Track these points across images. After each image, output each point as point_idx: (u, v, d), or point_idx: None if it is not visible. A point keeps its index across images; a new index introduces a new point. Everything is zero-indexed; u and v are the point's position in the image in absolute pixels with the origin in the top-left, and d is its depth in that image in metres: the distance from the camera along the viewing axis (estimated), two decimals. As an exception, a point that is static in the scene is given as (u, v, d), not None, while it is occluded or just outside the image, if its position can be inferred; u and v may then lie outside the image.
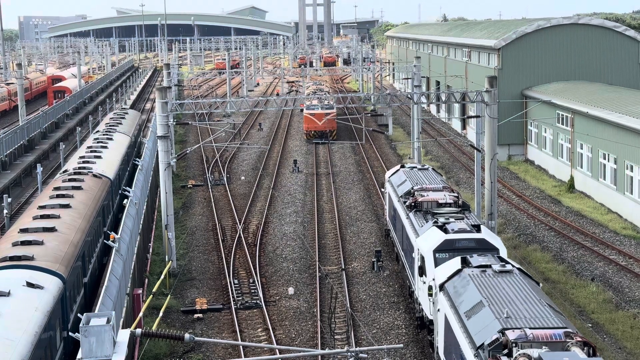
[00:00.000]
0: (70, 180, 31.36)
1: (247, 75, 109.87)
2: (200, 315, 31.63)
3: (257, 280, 34.92)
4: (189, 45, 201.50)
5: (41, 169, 43.71)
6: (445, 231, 27.59)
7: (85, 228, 25.92)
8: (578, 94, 55.93)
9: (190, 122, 60.82)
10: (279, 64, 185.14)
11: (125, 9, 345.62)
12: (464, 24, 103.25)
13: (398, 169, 39.98)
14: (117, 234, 27.24)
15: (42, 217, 25.58)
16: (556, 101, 56.02)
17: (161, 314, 28.51)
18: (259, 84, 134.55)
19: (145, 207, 38.84)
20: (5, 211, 34.75)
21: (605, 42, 63.09)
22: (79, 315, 21.95)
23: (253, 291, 33.95)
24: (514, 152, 64.03)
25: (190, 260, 38.89)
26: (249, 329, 30.35)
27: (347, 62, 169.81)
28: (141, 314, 26.35)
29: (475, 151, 39.46)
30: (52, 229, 24.12)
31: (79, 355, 14.91)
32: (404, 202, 33.59)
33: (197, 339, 16.52)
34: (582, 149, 52.07)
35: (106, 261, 28.21)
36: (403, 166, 40.34)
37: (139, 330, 15.98)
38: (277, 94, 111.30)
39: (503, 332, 18.03)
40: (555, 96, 57.12)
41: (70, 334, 20.95)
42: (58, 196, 28.51)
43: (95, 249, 28.08)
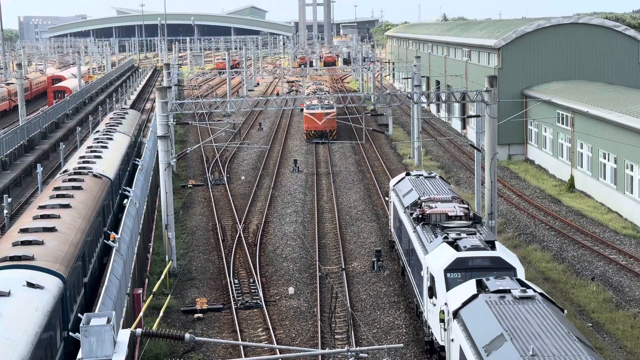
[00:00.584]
0: (70, 180, 31.37)
1: (247, 75, 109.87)
2: (200, 315, 31.63)
3: (257, 280, 34.92)
4: (189, 45, 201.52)
5: (41, 169, 43.71)
6: (457, 248, 25.54)
7: (86, 228, 25.92)
8: (578, 93, 55.93)
9: (190, 122, 60.85)
10: (279, 63, 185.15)
11: (125, 9, 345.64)
12: (464, 23, 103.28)
13: (403, 176, 37.96)
14: (117, 233, 27.24)
15: (42, 217, 25.58)
16: (556, 101, 56.02)
17: (161, 313, 28.52)
18: (259, 83, 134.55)
19: (145, 207, 38.84)
20: (6, 211, 34.76)
21: (605, 42, 63.10)
22: (79, 315, 21.97)
23: (253, 291, 33.95)
24: (514, 151, 64.04)
25: (190, 260, 38.89)
26: (249, 328, 30.35)
27: (347, 61, 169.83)
28: (141, 314, 26.35)
29: (476, 151, 39.46)
30: (52, 229, 24.12)
31: (79, 355, 14.91)
32: (410, 213, 31.51)
33: (197, 338, 16.53)
34: (582, 148, 52.07)
35: (106, 261, 28.22)
36: (408, 174, 38.24)
37: (139, 330, 15.98)
38: (277, 94, 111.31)
39: None
40: (555, 96, 57.12)
41: (70, 333, 20.95)
42: (58, 196, 28.51)
43: (95, 248, 28.09)
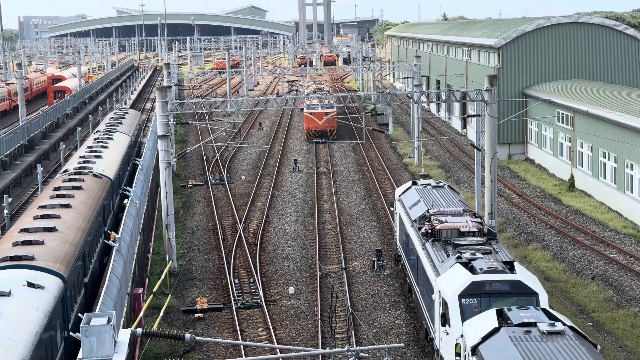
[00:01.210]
0: (70, 180, 31.37)
1: (247, 74, 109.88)
2: (200, 314, 31.64)
3: (258, 280, 34.92)
4: (189, 44, 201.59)
5: (41, 169, 43.71)
6: (472, 270, 23.08)
7: (86, 228, 25.92)
8: (578, 92, 55.93)
9: (190, 122, 60.86)
10: (279, 63, 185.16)
11: (125, 8, 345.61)
12: (464, 23, 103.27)
13: (409, 186, 35.63)
14: (117, 233, 27.25)
15: (43, 217, 25.58)
16: (556, 100, 56.02)
17: (162, 313, 28.51)
18: (259, 83, 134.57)
19: (145, 207, 38.85)
20: (6, 211, 34.76)
21: (605, 41, 63.10)
22: (79, 315, 21.98)
23: (253, 291, 33.96)
24: (514, 151, 64.04)
25: (190, 259, 38.90)
26: (249, 328, 30.36)
27: (347, 61, 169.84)
28: (142, 314, 26.35)
29: (476, 150, 39.46)
30: (52, 229, 24.12)
31: (79, 355, 14.92)
32: (418, 228, 29.20)
33: (197, 338, 16.53)
34: (582, 147, 52.07)
35: (107, 261, 28.22)
36: (415, 183, 35.89)
37: (139, 330, 15.99)
38: (277, 94, 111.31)
39: None
40: (555, 95, 57.12)
41: (71, 333, 20.96)
42: (58, 196, 28.52)
43: (95, 248, 28.09)
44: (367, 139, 71.38)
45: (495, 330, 18.48)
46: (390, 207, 40.78)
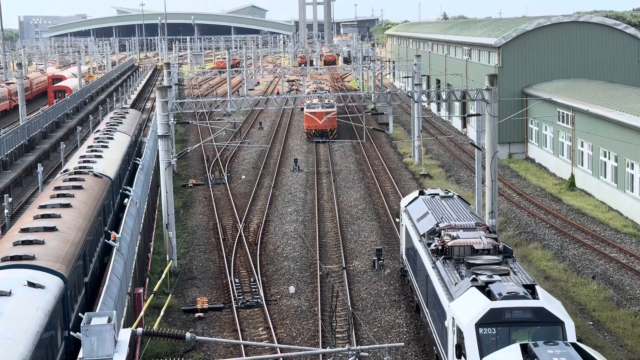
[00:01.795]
0: (70, 180, 31.37)
1: (248, 74, 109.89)
2: (201, 314, 31.64)
3: (258, 279, 34.93)
4: (189, 44, 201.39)
5: (42, 168, 43.72)
6: (490, 295, 20.82)
7: (86, 227, 25.93)
8: (578, 91, 55.92)
9: (190, 121, 60.93)
10: (279, 62, 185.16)
11: (125, 8, 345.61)
12: (464, 22, 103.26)
13: (416, 196, 33.27)
14: (117, 233, 27.25)
15: (43, 216, 25.59)
16: (556, 99, 56.02)
17: (162, 313, 28.53)
18: (259, 83, 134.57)
19: (145, 207, 38.86)
20: (6, 211, 34.77)
21: (606, 40, 63.09)
22: (80, 314, 21.98)
23: (254, 290, 33.96)
24: (515, 150, 64.03)
25: (191, 259, 38.91)
26: (250, 328, 30.36)
27: (347, 60, 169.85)
28: (142, 313, 26.36)
29: (476, 149, 39.46)
30: (53, 229, 24.13)
31: (80, 355, 14.93)
32: (427, 244, 26.97)
33: (198, 338, 16.53)
34: (582, 146, 52.07)
35: (107, 260, 28.23)
36: (422, 192, 33.61)
37: (140, 330, 16.00)
38: (278, 93, 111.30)
39: None
40: (555, 94, 57.11)
41: (71, 333, 20.97)
42: (59, 196, 28.52)
43: (96, 248, 28.09)
44: (368, 139, 71.38)
45: None
46: (396, 218, 37.87)
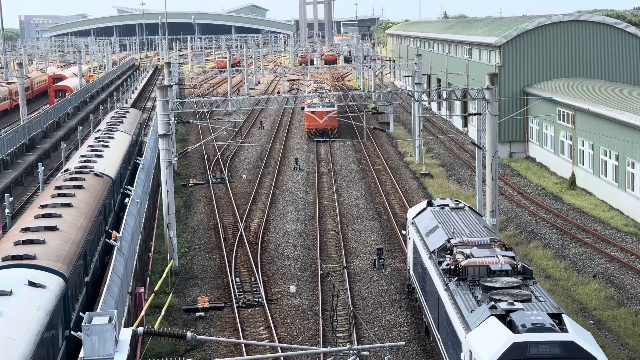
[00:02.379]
0: (71, 179, 31.38)
1: (248, 73, 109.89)
2: (202, 313, 31.65)
3: (259, 279, 34.93)
4: (189, 43, 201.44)
5: (42, 168, 43.71)
6: (512, 327, 18.60)
7: (87, 227, 25.93)
8: (579, 90, 55.91)
9: (191, 121, 60.92)
10: (279, 62, 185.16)
11: (125, 7, 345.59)
12: (464, 21, 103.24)
13: (424, 207, 31.17)
14: (118, 232, 27.26)
15: (44, 216, 25.59)
16: (557, 98, 56.00)
17: (163, 312, 28.54)
18: (259, 82, 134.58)
19: (146, 206, 38.86)
20: (7, 210, 34.78)
21: (606, 39, 63.08)
22: (81, 314, 21.98)
23: (255, 289, 33.97)
24: (515, 149, 64.02)
25: (191, 258, 38.91)
26: (250, 327, 30.37)
27: (347, 60, 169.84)
28: (143, 313, 26.37)
29: (477, 148, 39.45)
30: (53, 228, 24.13)
31: (81, 354, 14.94)
32: (438, 262, 24.79)
33: (199, 337, 16.54)
34: (583, 145, 52.06)
35: (108, 260, 28.23)
36: (430, 203, 31.55)
37: (141, 329, 16.01)
38: (278, 92, 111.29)
39: None
40: (556, 93, 57.10)
41: (72, 332, 20.97)
42: (59, 195, 28.53)
43: (97, 247, 28.10)
44: (368, 138, 71.37)
45: None
46: (402, 231, 35.43)
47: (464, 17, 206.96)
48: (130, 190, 34.34)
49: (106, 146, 40.04)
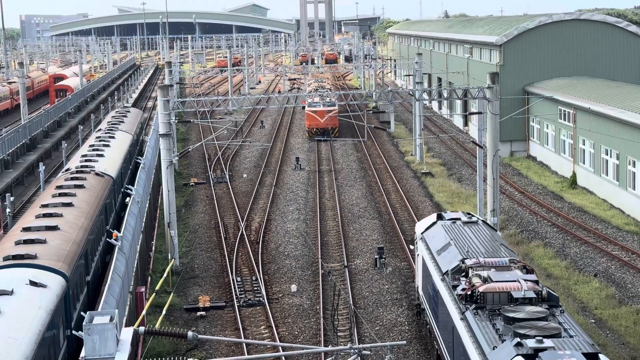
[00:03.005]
0: (72, 179, 31.38)
1: (249, 73, 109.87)
2: (203, 313, 31.66)
3: (260, 278, 34.94)
4: (190, 43, 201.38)
5: (43, 167, 43.74)
6: None
7: (88, 226, 25.93)
8: (580, 89, 55.89)
9: (192, 120, 60.90)
10: (280, 61, 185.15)
11: (126, 7, 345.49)
12: (465, 20, 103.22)
13: (434, 221, 28.65)
14: (119, 232, 27.26)
15: (45, 215, 25.59)
16: (558, 97, 55.99)
17: (164, 311, 28.54)
18: (260, 81, 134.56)
19: (147, 205, 38.87)
20: (8, 210, 34.79)
21: (607, 38, 63.05)
22: (82, 313, 21.97)
23: (256, 289, 33.97)
24: (516, 148, 64.01)
25: (192, 258, 38.92)
26: (251, 326, 30.38)
27: (348, 59, 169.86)
28: (144, 312, 26.37)
29: (478, 148, 39.44)
30: (54, 228, 24.13)
31: (82, 354, 14.95)
32: (452, 286, 22.18)
33: (200, 336, 16.54)
34: (584, 144, 52.05)
35: (109, 259, 28.24)
36: (441, 216, 29.02)
37: (142, 328, 16.02)
38: (279, 92, 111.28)
39: None
40: (557, 92, 57.08)
41: (73, 332, 20.97)
42: (60, 195, 28.53)
43: (98, 247, 28.11)
44: (369, 137, 71.35)
45: None
46: (410, 245, 32.95)
47: (464, 16, 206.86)
48: (131, 190, 34.34)
49: (107, 146, 40.04)
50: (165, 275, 32.94)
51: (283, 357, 24.63)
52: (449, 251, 24.76)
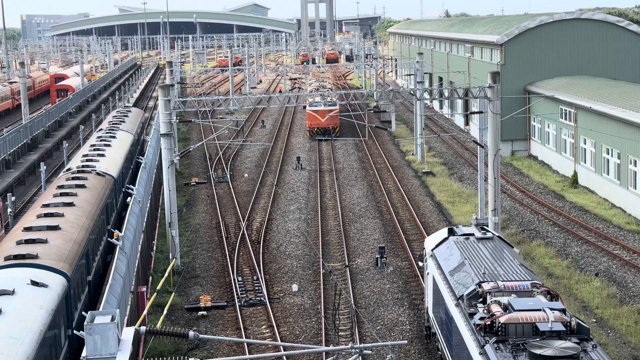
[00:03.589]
0: (73, 179, 31.38)
1: (250, 72, 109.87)
2: (204, 312, 31.67)
3: (261, 278, 34.94)
4: (191, 42, 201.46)
5: (45, 167, 43.76)
6: None
7: (89, 226, 25.94)
8: (581, 89, 55.87)
9: (193, 120, 60.90)
10: (281, 61, 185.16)
11: (127, 7, 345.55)
12: (466, 19, 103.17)
13: (446, 236, 26.36)
14: (120, 232, 27.26)
15: (46, 215, 25.59)
16: (559, 96, 55.97)
17: (165, 311, 28.55)
18: (261, 81, 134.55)
19: (148, 205, 38.87)
20: (10, 209, 34.80)
21: (608, 37, 63.03)
22: (83, 313, 21.98)
23: (257, 288, 33.98)
24: (517, 147, 64.00)
25: (194, 257, 38.93)
26: (253, 326, 30.38)
27: (349, 58, 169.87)
28: (145, 312, 26.38)
29: (479, 147, 39.43)
30: (56, 228, 24.14)
31: (83, 353, 14.94)
32: (469, 313, 19.95)
33: (201, 336, 16.54)
34: (585, 144, 52.03)
35: (110, 259, 28.25)
36: (452, 231, 26.81)
37: (143, 328, 16.01)
38: (280, 91, 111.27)
39: None
40: (558, 91, 57.06)
41: (74, 332, 20.98)
42: (62, 194, 28.53)
43: (99, 247, 28.11)
44: (370, 136, 71.34)
45: None
46: (419, 262, 30.96)
47: (465, 16, 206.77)
48: (132, 190, 34.34)
49: (108, 145, 40.04)
50: (166, 275, 32.95)
51: (284, 357, 24.64)
52: (464, 272, 22.59)
